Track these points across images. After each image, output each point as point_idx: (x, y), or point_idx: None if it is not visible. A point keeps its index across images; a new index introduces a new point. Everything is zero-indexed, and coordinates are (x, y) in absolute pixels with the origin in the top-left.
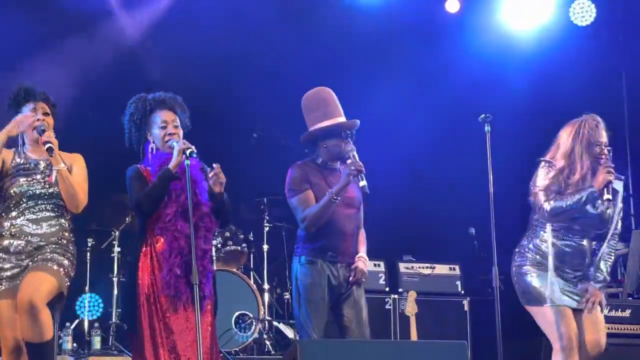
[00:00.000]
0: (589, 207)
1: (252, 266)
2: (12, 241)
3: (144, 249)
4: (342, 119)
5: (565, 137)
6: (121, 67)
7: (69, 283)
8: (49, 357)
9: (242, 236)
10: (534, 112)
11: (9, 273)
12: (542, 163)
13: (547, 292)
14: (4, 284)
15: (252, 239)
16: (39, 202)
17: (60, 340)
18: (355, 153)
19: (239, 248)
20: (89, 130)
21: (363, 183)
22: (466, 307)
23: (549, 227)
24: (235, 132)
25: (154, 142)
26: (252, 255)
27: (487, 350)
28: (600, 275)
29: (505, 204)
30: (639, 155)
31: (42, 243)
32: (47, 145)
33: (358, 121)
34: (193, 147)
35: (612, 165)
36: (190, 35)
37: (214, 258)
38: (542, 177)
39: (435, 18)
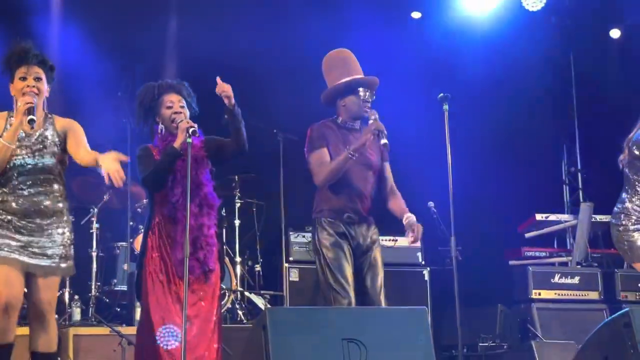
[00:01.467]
0: None
1: (224, 240)
2: (11, 216)
3: (153, 227)
4: (360, 75)
5: None
6: None
7: (70, 266)
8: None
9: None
10: (489, 92)
11: (10, 241)
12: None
13: None
14: (6, 251)
15: (224, 214)
16: (31, 173)
17: None
18: (377, 116)
19: None
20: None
21: (384, 141)
22: (426, 277)
23: None
24: (210, 114)
25: (162, 124)
26: (224, 230)
27: (446, 316)
28: None
29: (463, 179)
30: (585, 131)
31: (38, 220)
32: (29, 117)
33: (377, 78)
34: (196, 126)
35: None
36: None
37: (218, 233)
38: None
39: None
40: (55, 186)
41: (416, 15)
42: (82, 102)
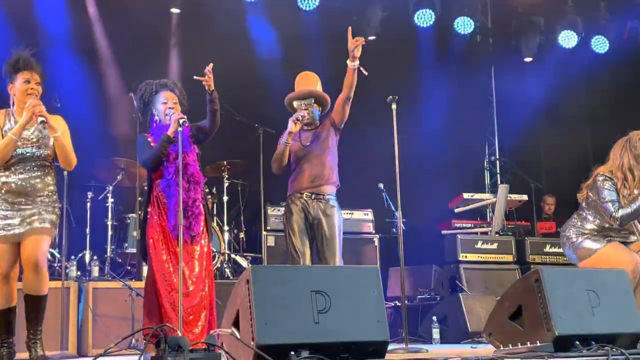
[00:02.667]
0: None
1: (214, 212)
2: (10, 196)
3: (152, 199)
4: (306, 88)
5: (617, 153)
6: None
7: (56, 232)
8: (44, 308)
9: (207, 190)
10: (433, 95)
11: (12, 221)
12: (602, 178)
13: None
14: (8, 230)
15: (214, 192)
16: (28, 163)
17: (67, 270)
18: (303, 113)
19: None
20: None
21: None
22: (376, 243)
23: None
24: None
25: (157, 116)
26: (214, 204)
27: (391, 275)
28: None
29: (407, 165)
30: (503, 130)
31: (37, 198)
32: (41, 120)
33: (311, 91)
34: (185, 117)
35: None
36: None
37: (202, 204)
38: (607, 190)
39: None
40: (48, 171)
41: None
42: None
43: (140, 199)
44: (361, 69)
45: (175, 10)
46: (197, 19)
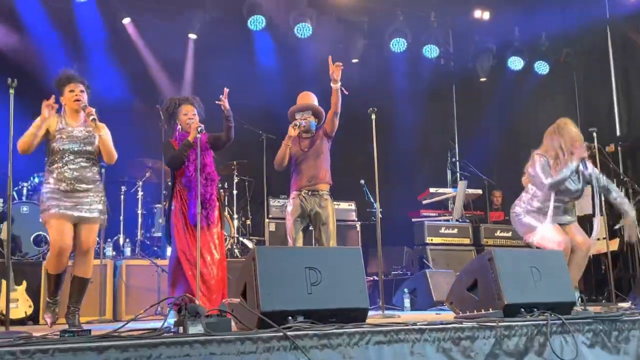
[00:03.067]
0: (569, 181)
1: (226, 203)
2: (61, 184)
3: (175, 193)
4: (305, 103)
5: (548, 137)
6: None
7: (105, 218)
8: (86, 289)
9: (220, 185)
10: (409, 107)
11: (65, 203)
12: (537, 156)
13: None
14: (62, 210)
15: (226, 186)
16: (78, 156)
17: (105, 250)
18: (297, 122)
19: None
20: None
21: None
22: (358, 229)
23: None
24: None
25: (180, 125)
26: (225, 197)
27: (371, 254)
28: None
29: (385, 165)
30: (463, 137)
31: (83, 186)
32: (92, 117)
33: (309, 105)
34: (202, 126)
35: (585, 148)
36: None
37: (217, 197)
38: (540, 164)
39: None
40: (94, 164)
41: None
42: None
43: (165, 192)
44: (342, 89)
45: (192, 36)
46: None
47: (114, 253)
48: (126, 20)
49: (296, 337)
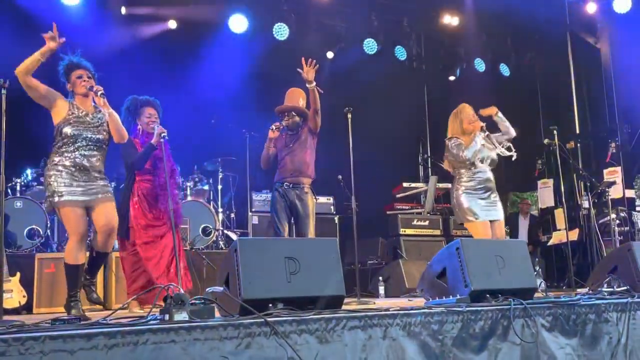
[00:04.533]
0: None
1: (212, 197)
2: (73, 169)
3: (133, 192)
4: (289, 105)
5: (451, 121)
6: None
7: None
8: (104, 261)
9: (205, 180)
10: (381, 107)
11: (75, 189)
12: (448, 140)
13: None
14: (74, 197)
15: (211, 182)
16: (89, 142)
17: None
18: (275, 126)
19: (204, 187)
20: None
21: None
22: (336, 221)
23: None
24: (203, 119)
25: (140, 126)
26: (211, 192)
27: (348, 245)
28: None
29: (360, 161)
30: (433, 135)
31: (93, 174)
32: (100, 92)
33: (283, 106)
34: (165, 131)
35: (483, 124)
36: None
37: (183, 197)
38: (453, 145)
39: None
40: (103, 152)
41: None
42: None
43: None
44: (317, 88)
45: None
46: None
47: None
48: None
49: (276, 323)
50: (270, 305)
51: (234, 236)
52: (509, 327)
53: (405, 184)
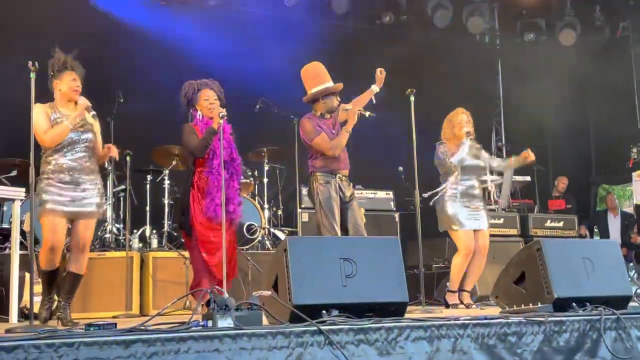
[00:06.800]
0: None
1: (256, 192)
2: (59, 175)
3: (193, 183)
4: (331, 83)
5: (444, 126)
6: None
7: (102, 210)
8: (78, 284)
9: (249, 172)
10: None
11: (61, 198)
12: (438, 145)
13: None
14: (57, 206)
15: (256, 174)
16: (76, 145)
17: (131, 242)
18: (347, 107)
19: (248, 180)
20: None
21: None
22: (397, 219)
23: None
24: (248, 104)
25: (200, 110)
26: (256, 185)
27: (410, 245)
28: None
29: (422, 151)
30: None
31: (83, 177)
32: (92, 114)
33: (342, 84)
34: (224, 111)
35: (469, 129)
36: None
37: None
38: (441, 150)
39: None
40: (92, 153)
41: None
42: None
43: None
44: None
45: None
46: None
47: (140, 245)
48: None
49: (330, 332)
50: (324, 311)
51: (281, 235)
52: (599, 340)
53: None
